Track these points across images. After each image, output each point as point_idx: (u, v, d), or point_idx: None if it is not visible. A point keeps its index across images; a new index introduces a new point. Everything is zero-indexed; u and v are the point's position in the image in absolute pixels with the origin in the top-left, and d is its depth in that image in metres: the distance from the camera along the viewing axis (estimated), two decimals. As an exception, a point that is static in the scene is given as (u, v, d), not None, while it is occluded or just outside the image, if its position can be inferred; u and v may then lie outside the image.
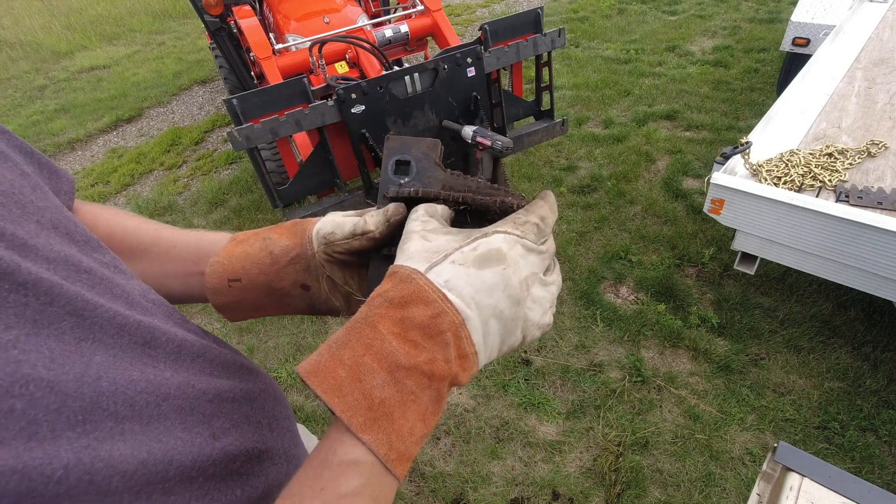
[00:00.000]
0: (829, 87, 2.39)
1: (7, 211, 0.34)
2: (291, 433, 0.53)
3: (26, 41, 7.69)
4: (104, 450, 0.30)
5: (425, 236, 0.44)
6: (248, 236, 0.55)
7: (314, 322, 2.59)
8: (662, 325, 2.33)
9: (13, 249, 0.32)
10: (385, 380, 0.38)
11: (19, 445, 0.26)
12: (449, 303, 0.40)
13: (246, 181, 3.81)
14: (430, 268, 0.41)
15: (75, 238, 0.40)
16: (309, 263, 0.52)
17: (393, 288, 0.41)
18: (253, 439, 0.44)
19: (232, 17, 3.24)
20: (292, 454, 0.51)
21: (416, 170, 0.53)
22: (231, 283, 0.52)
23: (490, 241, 0.43)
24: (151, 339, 0.39)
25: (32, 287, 0.31)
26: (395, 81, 2.17)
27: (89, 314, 0.34)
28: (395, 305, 0.40)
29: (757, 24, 5.29)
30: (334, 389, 0.37)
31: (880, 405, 1.96)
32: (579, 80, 4.58)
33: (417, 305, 0.40)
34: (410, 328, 0.39)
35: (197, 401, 0.40)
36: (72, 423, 0.29)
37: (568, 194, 3.24)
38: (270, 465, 0.46)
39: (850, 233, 1.64)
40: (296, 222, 0.55)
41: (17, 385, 0.27)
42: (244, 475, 0.42)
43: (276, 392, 0.54)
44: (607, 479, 1.83)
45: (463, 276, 0.41)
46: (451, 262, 0.42)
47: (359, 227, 0.50)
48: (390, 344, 0.38)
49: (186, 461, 0.36)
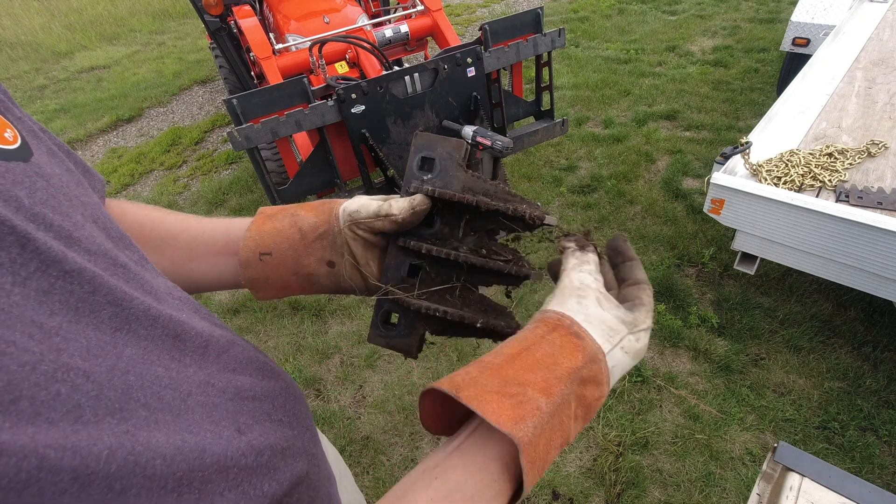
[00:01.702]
0: (829, 87, 2.39)
1: (57, 203, 0.35)
2: (311, 432, 0.54)
3: (26, 41, 7.69)
4: (142, 436, 0.31)
5: (601, 302, 0.47)
6: (276, 211, 0.58)
7: (314, 322, 2.59)
8: (662, 325, 2.33)
9: (60, 240, 0.33)
10: (558, 448, 0.42)
11: (67, 427, 0.27)
12: (608, 387, 0.45)
13: (246, 181, 3.81)
14: (610, 351, 0.45)
15: (111, 234, 0.41)
16: (335, 240, 0.55)
17: (586, 366, 0.43)
18: (275, 436, 0.45)
19: (232, 17, 3.24)
20: (311, 452, 0.52)
21: (439, 168, 0.55)
22: (262, 257, 0.55)
23: (647, 336, 0.48)
24: (182, 333, 0.40)
25: (77, 275, 0.32)
26: (395, 81, 2.17)
27: (126, 304, 0.35)
28: (582, 383, 0.43)
29: (757, 24, 5.29)
30: (532, 462, 0.39)
31: (880, 405, 1.96)
32: (579, 80, 4.58)
33: (594, 386, 0.44)
34: (582, 404, 0.43)
35: (219, 398, 0.40)
36: (110, 410, 0.30)
37: (568, 194, 3.24)
38: (292, 461, 0.46)
39: (850, 233, 1.64)
40: (324, 201, 0.58)
41: (60, 371, 0.28)
42: (271, 469, 0.42)
43: (296, 391, 0.55)
44: (607, 479, 1.83)
45: (623, 366, 0.46)
46: (621, 348, 0.46)
47: (383, 209, 0.54)
48: (571, 423, 0.43)
49: (218, 450, 0.36)
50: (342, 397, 2.22)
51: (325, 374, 2.34)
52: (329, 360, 2.39)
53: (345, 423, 2.11)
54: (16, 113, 0.42)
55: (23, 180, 0.34)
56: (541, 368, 0.42)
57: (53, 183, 0.37)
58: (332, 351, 2.43)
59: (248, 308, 2.73)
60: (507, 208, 0.52)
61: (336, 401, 2.21)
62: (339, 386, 2.28)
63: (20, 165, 0.34)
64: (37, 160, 0.37)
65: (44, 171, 0.37)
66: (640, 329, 0.47)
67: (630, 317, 0.47)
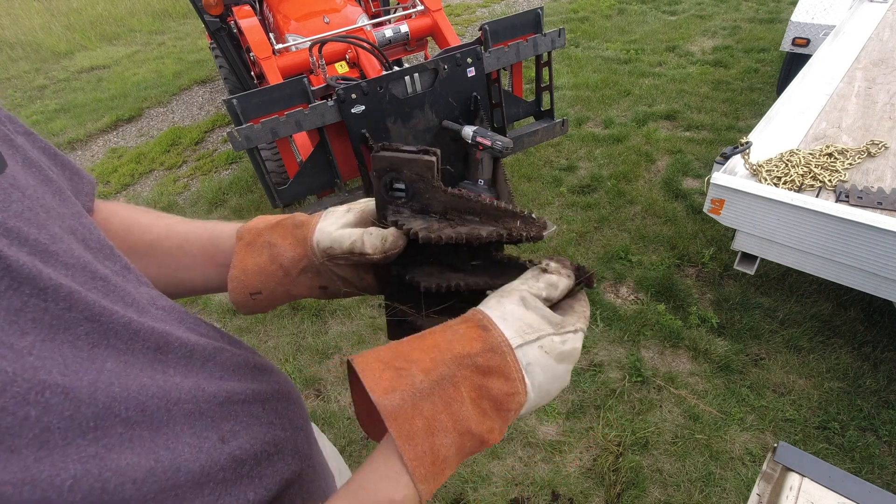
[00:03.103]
0: (829, 87, 2.39)
1: (33, 215, 0.35)
2: (305, 432, 0.54)
3: (26, 41, 7.69)
4: (112, 459, 0.30)
5: (526, 302, 0.45)
6: (252, 237, 0.56)
7: (314, 322, 2.59)
8: (662, 325, 2.33)
9: (35, 255, 0.32)
10: (453, 441, 0.40)
11: (30, 455, 0.26)
12: (524, 384, 0.43)
13: (246, 181, 3.81)
14: (521, 346, 0.43)
15: (90, 245, 0.40)
16: (319, 270, 0.54)
17: (482, 354, 0.42)
18: (264, 440, 0.45)
19: (232, 17, 3.24)
20: (305, 453, 0.52)
21: (412, 191, 0.50)
22: (253, 297, 0.55)
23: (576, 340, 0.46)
24: (164, 345, 0.39)
25: (53, 292, 0.32)
26: (395, 81, 2.17)
27: (105, 320, 0.35)
28: (480, 372, 0.42)
29: (757, 24, 5.29)
30: (408, 437, 0.38)
31: (880, 405, 1.96)
32: (579, 80, 4.58)
33: (498, 379, 0.42)
34: (485, 397, 0.42)
35: (207, 404, 0.40)
36: (83, 430, 0.30)
37: (568, 194, 3.24)
38: (282, 464, 0.46)
39: (850, 233, 1.64)
40: (296, 223, 0.56)
41: (33, 392, 0.28)
42: (255, 478, 0.42)
43: (289, 392, 0.55)
44: (607, 479, 1.83)
45: (542, 366, 0.44)
46: (540, 346, 0.44)
47: (356, 247, 0.51)
48: (467, 408, 0.41)
49: (195, 467, 0.36)
50: (342, 397, 2.22)
51: (325, 374, 2.34)
52: (329, 360, 2.39)
53: (345, 423, 2.11)
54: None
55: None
56: (433, 350, 0.42)
57: (29, 195, 0.36)
58: (332, 351, 2.43)
59: (248, 308, 2.73)
60: (502, 235, 0.48)
61: (336, 401, 2.21)
62: (339, 386, 2.28)
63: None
64: (11, 171, 0.36)
65: (18, 182, 0.36)
66: (567, 330, 0.45)
67: (557, 318, 0.46)
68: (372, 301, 2.68)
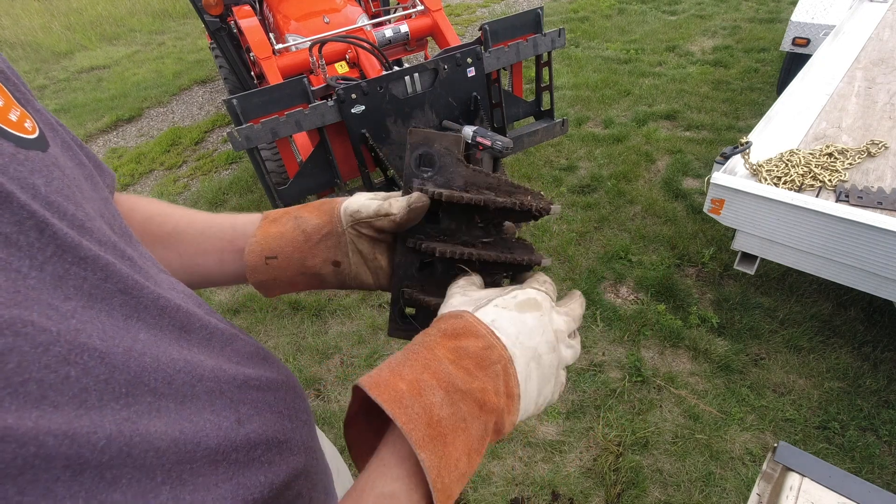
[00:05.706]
0: (829, 87, 2.39)
1: (71, 193, 0.36)
2: (309, 426, 0.54)
3: (26, 41, 7.69)
4: (142, 425, 0.31)
5: (465, 293, 0.49)
6: (280, 215, 0.58)
7: (314, 322, 2.59)
8: (662, 325, 2.33)
9: (74, 228, 0.34)
10: (443, 399, 0.39)
11: (71, 412, 0.27)
12: (497, 338, 0.43)
13: (246, 181, 3.81)
14: (477, 309, 0.45)
15: (115, 230, 0.42)
16: (339, 240, 0.56)
17: (444, 321, 0.44)
18: (274, 428, 0.46)
19: (232, 17, 3.24)
20: (310, 447, 0.52)
21: (438, 164, 0.55)
22: (268, 261, 0.56)
23: (526, 292, 0.48)
24: (188, 324, 0.40)
25: (91, 262, 0.33)
26: (395, 81, 2.17)
27: (137, 293, 0.36)
28: (448, 336, 0.43)
29: (757, 24, 5.29)
30: (395, 400, 0.38)
31: (880, 405, 1.96)
32: (579, 80, 4.58)
33: (469, 337, 0.43)
34: (464, 356, 0.42)
35: (227, 385, 0.41)
36: (116, 395, 0.31)
37: (568, 194, 3.24)
38: (290, 455, 0.47)
39: (850, 233, 1.64)
40: (324, 201, 0.59)
41: (74, 353, 0.29)
42: (265, 463, 0.43)
43: (296, 385, 0.56)
44: (607, 479, 1.83)
45: (507, 318, 0.45)
46: (495, 305, 0.46)
47: (382, 209, 0.54)
48: (447, 367, 0.41)
49: (213, 444, 0.37)
50: (342, 397, 2.22)
51: (325, 374, 2.34)
52: (329, 360, 2.39)
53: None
54: (35, 105, 0.42)
55: (41, 169, 0.34)
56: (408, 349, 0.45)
57: (68, 174, 0.38)
58: (332, 351, 2.43)
59: (248, 308, 2.73)
60: (515, 203, 0.52)
61: (336, 401, 2.21)
62: (339, 386, 2.28)
63: (38, 155, 0.35)
64: (53, 151, 0.38)
65: (59, 162, 0.38)
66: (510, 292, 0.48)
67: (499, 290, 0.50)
68: (372, 301, 2.68)
